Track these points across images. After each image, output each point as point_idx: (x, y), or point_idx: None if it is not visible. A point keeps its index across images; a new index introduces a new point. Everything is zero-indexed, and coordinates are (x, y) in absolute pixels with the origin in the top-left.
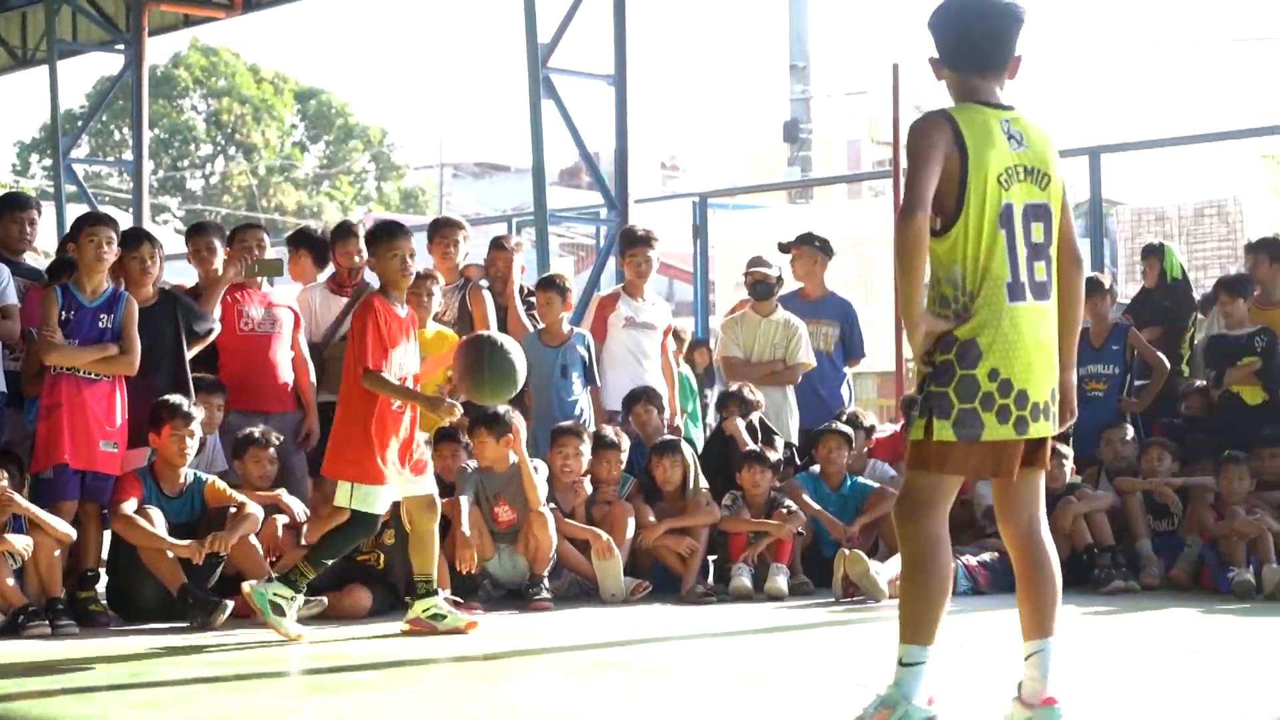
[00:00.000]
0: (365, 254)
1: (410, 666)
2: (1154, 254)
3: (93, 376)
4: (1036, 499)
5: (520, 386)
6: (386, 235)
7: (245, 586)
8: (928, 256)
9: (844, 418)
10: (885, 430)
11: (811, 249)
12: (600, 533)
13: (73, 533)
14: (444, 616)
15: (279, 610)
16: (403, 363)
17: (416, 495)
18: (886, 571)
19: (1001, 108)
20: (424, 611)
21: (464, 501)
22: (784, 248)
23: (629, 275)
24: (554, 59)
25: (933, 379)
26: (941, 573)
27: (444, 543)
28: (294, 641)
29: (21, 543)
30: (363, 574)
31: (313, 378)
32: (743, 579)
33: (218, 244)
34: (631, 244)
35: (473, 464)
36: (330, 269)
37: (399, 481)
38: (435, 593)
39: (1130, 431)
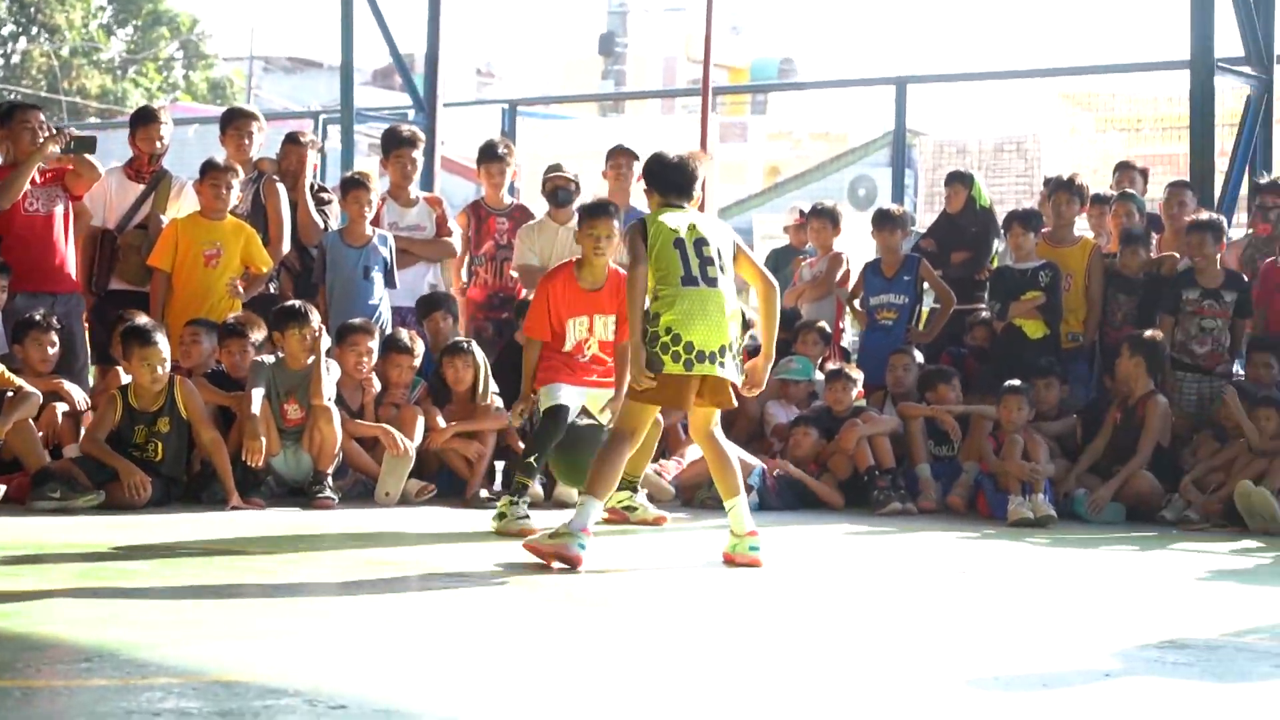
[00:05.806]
0: (166, 140)
1: (190, 558)
2: (960, 181)
3: None
4: (712, 420)
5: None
6: (588, 214)
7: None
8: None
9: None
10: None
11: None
12: (393, 430)
13: None
14: (635, 508)
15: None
16: (581, 328)
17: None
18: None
19: (683, 209)
20: (618, 502)
21: (256, 394)
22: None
23: (392, 178)
24: None
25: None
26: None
27: (230, 437)
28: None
29: None
30: (140, 466)
31: None
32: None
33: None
34: (396, 145)
35: (268, 359)
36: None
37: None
38: (635, 489)
39: (916, 358)
